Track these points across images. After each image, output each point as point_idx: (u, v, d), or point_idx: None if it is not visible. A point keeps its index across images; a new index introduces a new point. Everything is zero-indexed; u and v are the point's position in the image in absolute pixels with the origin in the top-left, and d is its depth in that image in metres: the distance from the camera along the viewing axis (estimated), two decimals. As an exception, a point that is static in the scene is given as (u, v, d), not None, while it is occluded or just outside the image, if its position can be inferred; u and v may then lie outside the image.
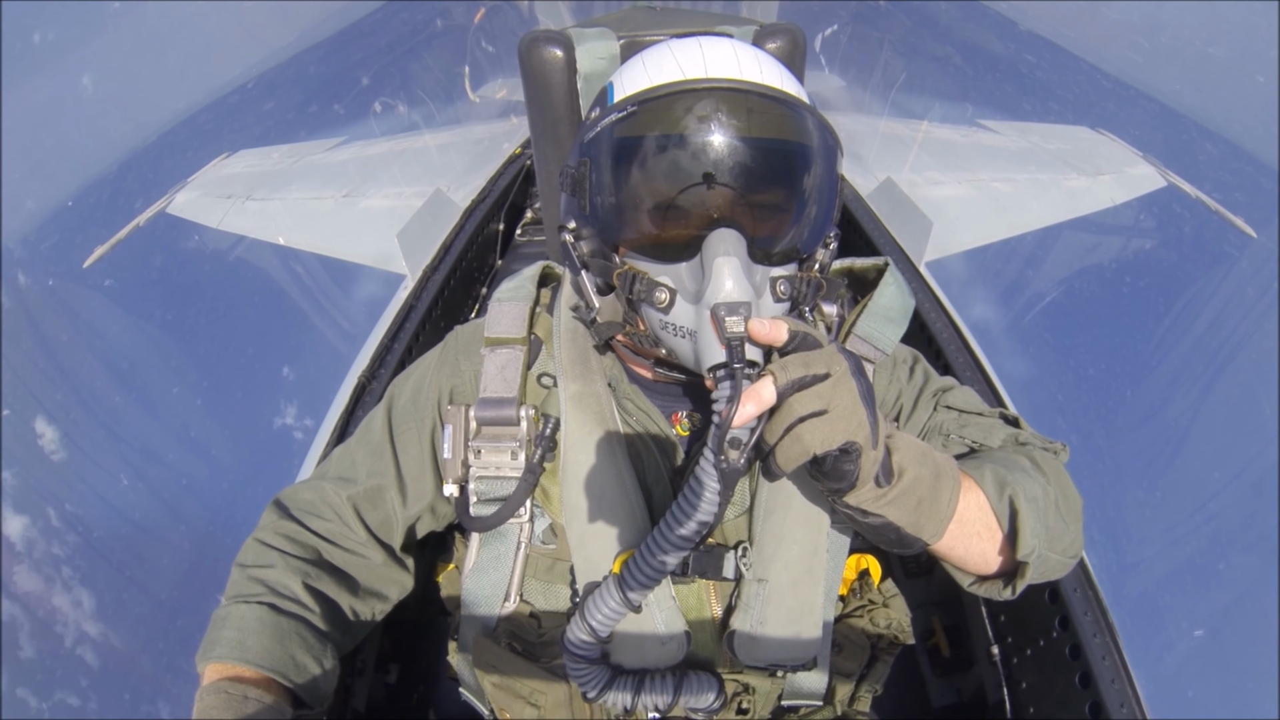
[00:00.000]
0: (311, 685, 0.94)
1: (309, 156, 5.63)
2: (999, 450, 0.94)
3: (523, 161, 3.25)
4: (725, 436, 0.67)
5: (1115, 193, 4.13)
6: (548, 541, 1.02)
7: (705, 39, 0.88)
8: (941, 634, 1.54)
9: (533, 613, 1.05)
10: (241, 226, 4.22)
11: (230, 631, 0.91)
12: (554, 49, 1.46)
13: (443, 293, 2.26)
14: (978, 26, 16.59)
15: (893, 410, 1.05)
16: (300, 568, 0.99)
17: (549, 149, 1.59)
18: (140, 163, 14.85)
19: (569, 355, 1.00)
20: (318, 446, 1.59)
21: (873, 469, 0.68)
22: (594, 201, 0.86)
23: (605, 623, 0.88)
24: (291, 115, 16.83)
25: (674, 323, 0.80)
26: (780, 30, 1.48)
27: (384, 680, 1.40)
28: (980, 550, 0.83)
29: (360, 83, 15.23)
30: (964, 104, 10.02)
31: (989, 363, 1.74)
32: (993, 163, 4.38)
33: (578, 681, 0.95)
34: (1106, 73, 15.62)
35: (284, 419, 9.83)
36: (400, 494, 1.06)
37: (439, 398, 1.06)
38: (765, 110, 0.81)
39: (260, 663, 0.90)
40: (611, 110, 0.84)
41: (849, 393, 0.66)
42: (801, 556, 0.96)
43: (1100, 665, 1.15)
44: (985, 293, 8.16)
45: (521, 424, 1.00)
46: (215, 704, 0.85)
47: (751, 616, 0.96)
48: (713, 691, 0.99)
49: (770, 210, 0.82)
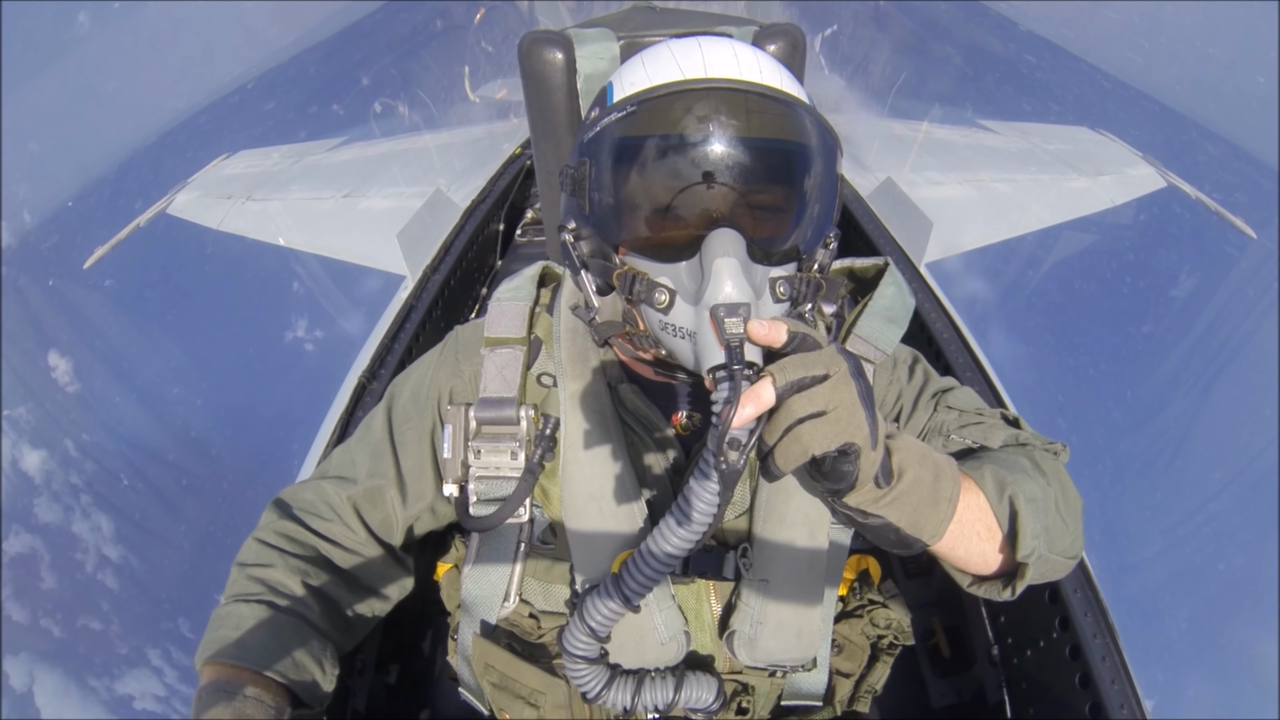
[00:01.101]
0: (310, 684, 0.94)
1: (309, 157, 5.63)
2: (999, 451, 0.94)
3: (523, 162, 3.25)
4: (724, 438, 0.67)
5: (1115, 193, 4.13)
6: (547, 541, 1.02)
7: (704, 39, 0.88)
8: (942, 634, 1.54)
9: (532, 613, 1.04)
10: (242, 227, 4.22)
11: (229, 631, 0.91)
12: (554, 49, 1.46)
13: (443, 293, 2.26)
14: (978, 27, 16.60)
15: (893, 410, 1.05)
16: (300, 567, 0.99)
17: (549, 149, 1.59)
18: (140, 163, 14.87)
19: (569, 355, 1.00)
20: (318, 447, 1.59)
21: (872, 470, 0.68)
22: (594, 201, 0.86)
23: (604, 623, 0.88)
24: (291, 115, 16.85)
25: (673, 323, 0.80)
26: (780, 31, 1.48)
27: (384, 680, 1.40)
28: (980, 551, 0.83)
29: (360, 83, 15.26)
30: (964, 104, 10.03)
31: (989, 363, 1.74)
32: (993, 163, 4.38)
33: (576, 681, 0.95)
34: (1106, 73, 15.63)
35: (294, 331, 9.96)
36: (400, 494, 1.06)
37: (439, 397, 1.06)
38: (765, 110, 0.81)
39: (259, 662, 0.90)
40: (611, 110, 0.84)
41: (848, 394, 0.65)
42: (801, 557, 0.96)
43: (1100, 666, 1.15)
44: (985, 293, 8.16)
45: (521, 424, 1.00)
46: (214, 703, 0.85)
47: (751, 617, 0.96)
48: (712, 691, 0.99)
49: (770, 210, 0.82)
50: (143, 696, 8.27)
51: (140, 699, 8.25)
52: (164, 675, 8.35)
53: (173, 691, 8.24)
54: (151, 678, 8.30)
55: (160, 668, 8.39)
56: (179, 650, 8.46)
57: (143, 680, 8.27)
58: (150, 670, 8.33)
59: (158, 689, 8.28)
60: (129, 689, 8.24)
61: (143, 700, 8.29)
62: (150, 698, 8.29)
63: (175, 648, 8.47)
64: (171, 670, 8.37)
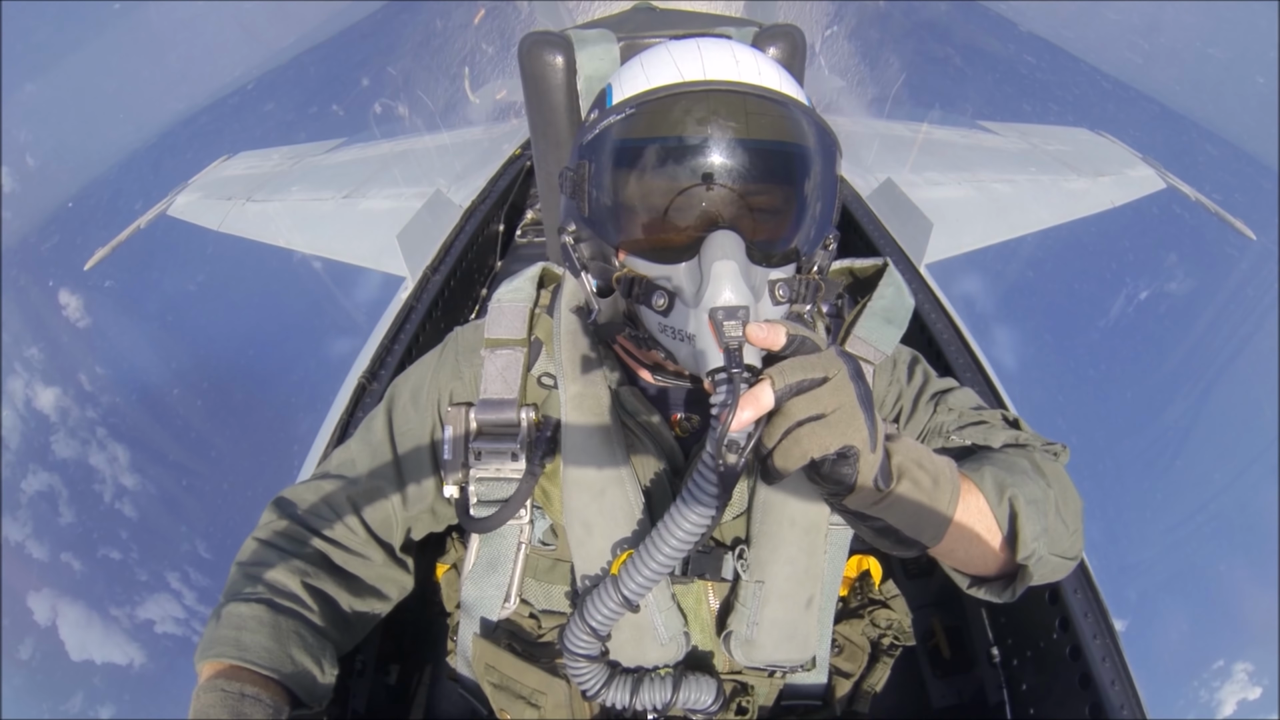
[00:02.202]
0: (309, 684, 0.94)
1: (309, 158, 5.63)
2: (999, 452, 0.94)
3: (523, 163, 3.24)
4: (723, 440, 0.67)
5: (1115, 194, 4.13)
6: (548, 542, 1.02)
7: (703, 40, 0.88)
8: (942, 635, 1.54)
9: (532, 613, 1.05)
10: (242, 228, 4.22)
11: (227, 630, 0.91)
12: (554, 51, 1.46)
13: (443, 294, 2.26)
14: (977, 28, 16.61)
15: (892, 411, 1.05)
16: (299, 567, 0.99)
17: (549, 150, 1.59)
18: (140, 164, 14.90)
19: (569, 357, 1.00)
20: (318, 447, 1.59)
21: (871, 472, 0.68)
22: (593, 203, 0.86)
23: (604, 622, 0.88)
24: (291, 116, 16.88)
25: (672, 326, 0.80)
26: (780, 32, 1.48)
27: (384, 681, 1.40)
28: (980, 552, 0.83)
29: (360, 84, 15.29)
30: (964, 105, 10.04)
31: (989, 363, 1.74)
32: (992, 164, 4.38)
33: (576, 679, 0.95)
34: (1106, 73, 15.64)
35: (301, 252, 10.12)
36: (400, 495, 1.06)
37: (439, 399, 1.06)
38: (764, 111, 0.81)
39: (257, 661, 0.89)
40: (610, 112, 0.84)
41: (847, 397, 0.66)
42: (799, 558, 0.96)
43: (1100, 667, 1.15)
44: (985, 293, 8.17)
45: (522, 425, 1.00)
46: (211, 702, 0.85)
47: (748, 617, 0.96)
48: (711, 692, 0.99)
49: (769, 212, 0.82)
50: (163, 620, 8.49)
51: (161, 623, 8.48)
52: (183, 598, 8.57)
53: (192, 613, 8.48)
54: (171, 601, 8.55)
55: (179, 590, 8.61)
56: (197, 571, 8.66)
57: (163, 604, 8.52)
58: (169, 594, 8.57)
59: (177, 611, 8.51)
60: (149, 614, 8.48)
61: (163, 624, 8.51)
62: (170, 620, 8.51)
63: (193, 569, 8.68)
64: (190, 591, 8.57)
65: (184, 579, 8.42)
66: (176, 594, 8.39)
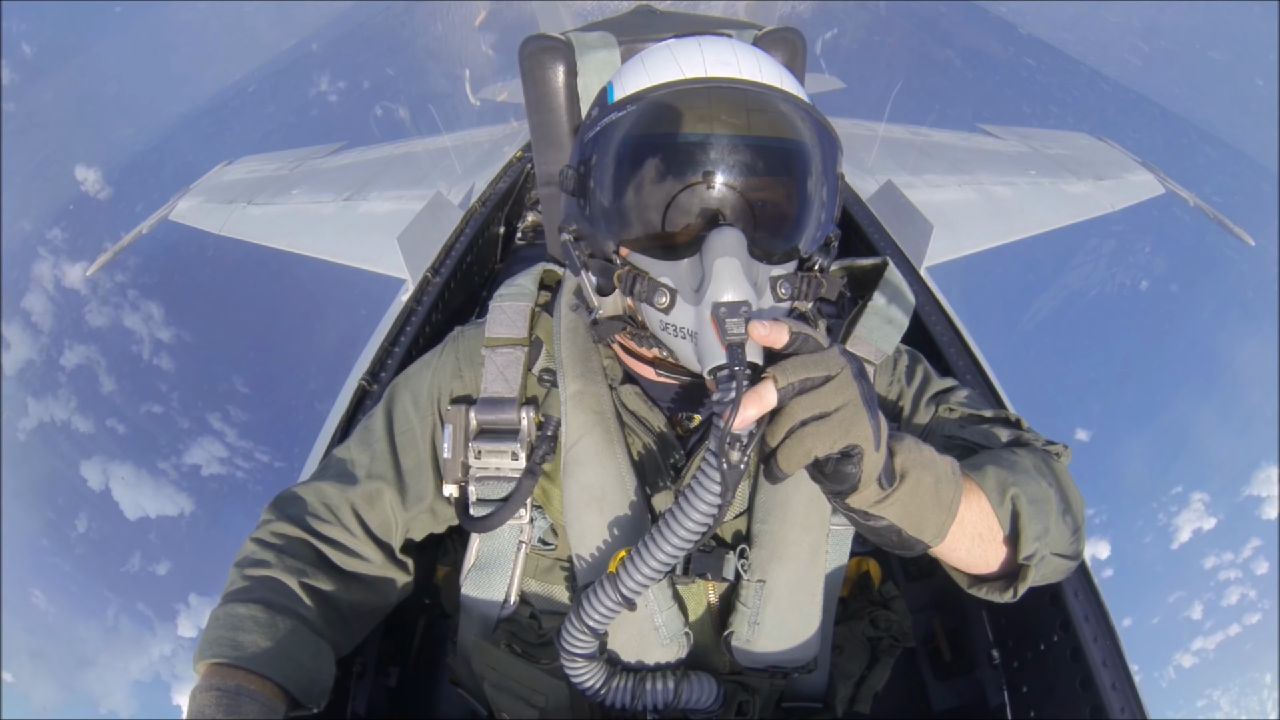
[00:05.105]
0: (307, 685, 0.93)
1: (310, 161, 5.64)
2: (1000, 452, 0.94)
3: (523, 165, 3.25)
4: (726, 438, 0.67)
5: (1115, 199, 4.14)
6: (548, 542, 1.02)
7: (704, 39, 0.88)
8: (942, 637, 1.54)
9: (532, 613, 1.04)
10: (243, 232, 4.22)
11: (224, 630, 0.90)
12: (555, 53, 1.46)
13: (443, 296, 2.26)
14: (977, 30, 16.64)
15: (893, 411, 1.05)
16: (297, 568, 0.99)
17: (549, 152, 1.59)
18: (141, 166, 14.94)
19: (569, 356, 1.00)
20: (318, 449, 1.58)
21: (875, 472, 0.68)
22: (594, 200, 0.86)
23: (601, 620, 0.87)
24: (292, 119, 16.91)
25: (674, 323, 0.80)
26: (780, 35, 1.48)
27: (384, 683, 1.39)
28: (981, 552, 0.82)
29: (361, 86, 15.32)
30: (964, 107, 10.06)
31: (989, 364, 1.74)
32: (993, 167, 4.39)
33: (575, 678, 0.94)
34: (1106, 76, 15.68)
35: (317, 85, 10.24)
36: (399, 495, 1.05)
37: (439, 398, 1.06)
38: (765, 108, 0.81)
39: (255, 662, 0.89)
40: (611, 110, 0.84)
41: (851, 396, 0.65)
42: (801, 558, 0.96)
43: (1101, 669, 1.15)
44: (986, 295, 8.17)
45: (522, 424, 0.99)
46: (209, 702, 0.85)
47: (748, 618, 0.96)
48: (712, 692, 0.98)
49: (770, 208, 0.82)
50: (208, 463, 8.82)
51: (206, 465, 8.72)
52: (225, 436, 8.87)
53: (234, 450, 8.82)
54: (214, 442, 8.87)
55: (220, 430, 8.89)
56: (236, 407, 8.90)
57: (206, 446, 8.87)
58: (212, 435, 8.90)
59: (220, 451, 8.83)
60: (195, 459, 8.83)
61: (209, 466, 8.86)
62: (216, 462, 8.86)
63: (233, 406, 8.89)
64: (231, 429, 8.85)
65: (225, 418, 8.72)
66: (219, 434, 8.82)
